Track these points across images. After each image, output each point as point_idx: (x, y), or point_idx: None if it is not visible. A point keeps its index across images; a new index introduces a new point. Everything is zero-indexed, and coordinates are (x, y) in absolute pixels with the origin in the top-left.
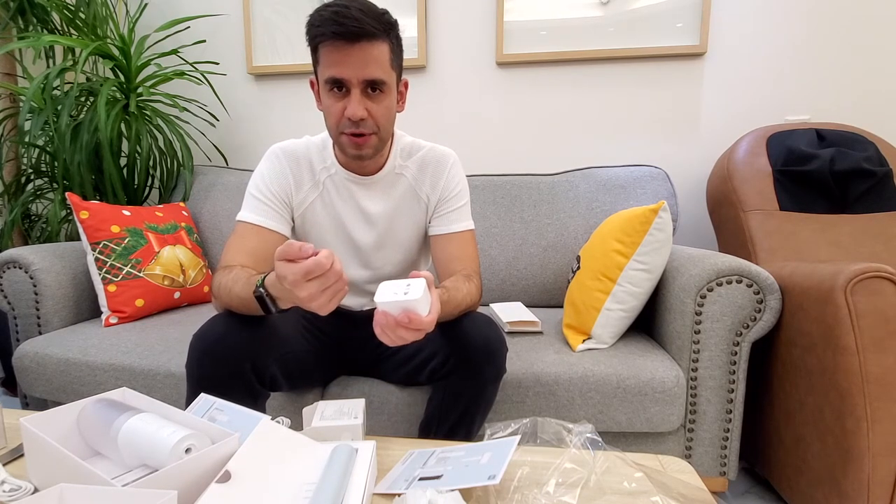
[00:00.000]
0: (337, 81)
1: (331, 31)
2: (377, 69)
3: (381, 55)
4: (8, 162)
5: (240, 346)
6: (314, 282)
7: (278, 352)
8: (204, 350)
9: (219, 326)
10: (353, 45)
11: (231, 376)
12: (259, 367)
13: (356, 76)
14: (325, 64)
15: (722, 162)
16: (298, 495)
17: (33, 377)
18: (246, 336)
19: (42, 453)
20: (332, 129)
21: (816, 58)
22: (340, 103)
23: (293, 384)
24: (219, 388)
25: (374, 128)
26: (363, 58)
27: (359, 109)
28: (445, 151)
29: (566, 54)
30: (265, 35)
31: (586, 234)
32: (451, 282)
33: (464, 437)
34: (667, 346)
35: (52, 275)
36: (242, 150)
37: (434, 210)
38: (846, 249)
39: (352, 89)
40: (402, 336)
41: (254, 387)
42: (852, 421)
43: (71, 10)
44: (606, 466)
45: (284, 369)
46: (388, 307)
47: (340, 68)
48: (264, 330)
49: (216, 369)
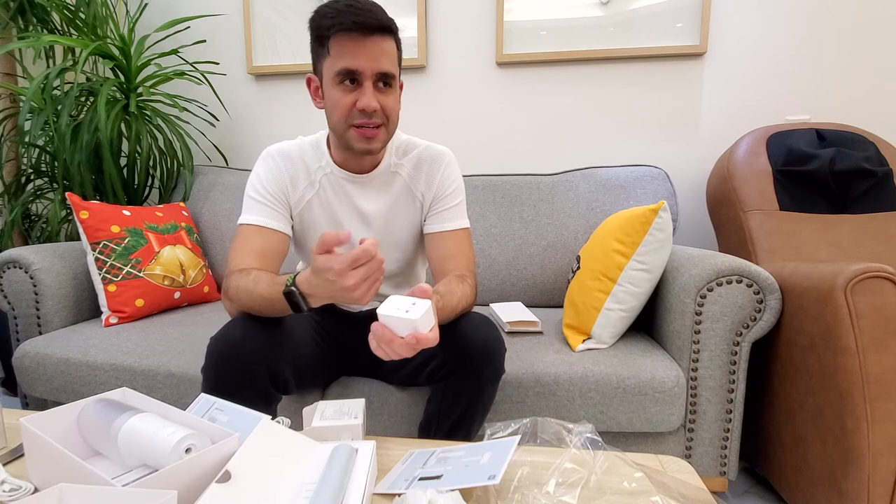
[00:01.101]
0: (350, 73)
1: (350, 21)
2: (389, 63)
3: (391, 50)
4: (8, 162)
5: (258, 351)
6: (360, 269)
7: (291, 355)
8: (222, 354)
9: (237, 331)
10: (368, 38)
11: (249, 381)
12: (275, 371)
13: (371, 68)
14: (337, 55)
15: (722, 162)
16: (298, 495)
17: (33, 377)
18: (263, 341)
19: (42, 453)
20: (340, 122)
21: (816, 58)
22: (351, 96)
23: (302, 386)
24: (235, 392)
25: (384, 120)
26: (377, 50)
27: (373, 101)
28: (441, 150)
29: (566, 54)
30: (265, 35)
31: (586, 234)
32: (444, 285)
33: (463, 438)
34: (667, 346)
35: (52, 275)
36: (242, 150)
37: (429, 208)
38: (846, 249)
39: (364, 81)
40: (397, 352)
41: (269, 391)
42: (852, 421)
43: (71, 10)
44: (606, 466)
45: (296, 372)
46: (388, 321)
47: (355, 59)
48: (280, 334)
49: (234, 374)
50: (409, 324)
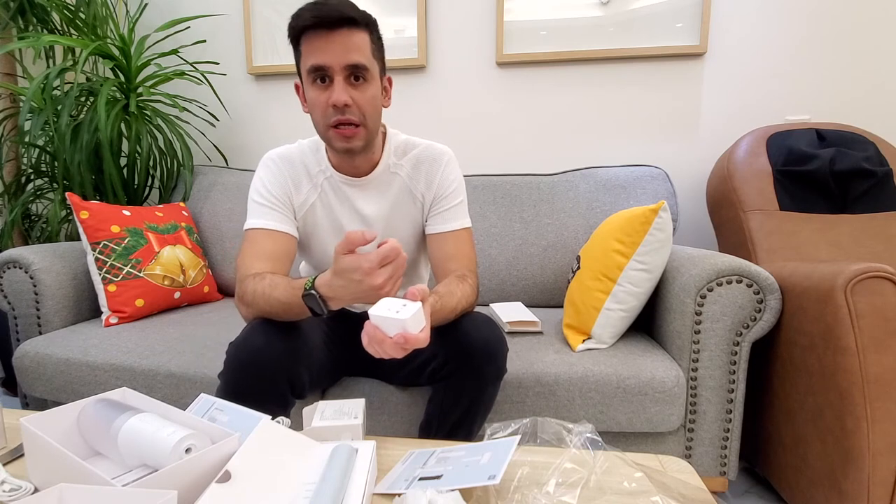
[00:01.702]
0: (319, 69)
1: (311, 18)
2: (358, 55)
3: (361, 42)
4: (8, 162)
5: (278, 358)
6: (388, 267)
7: (308, 360)
8: (242, 361)
9: (257, 338)
10: (333, 32)
11: (269, 387)
12: (293, 376)
13: (338, 62)
14: (306, 54)
15: (722, 162)
16: (298, 495)
17: (33, 377)
18: (283, 347)
19: (42, 453)
20: (320, 124)
21: (816, 58)
22: (325, 94)
23: (313, 389)
24: (255, 398)
25: (360, 117)
26: (344, 43)
27: (342, 95)
28: (441, 149)
29: (566, 54)
30: (265, 35)
31: (586, 234)
32: (444, 286)
33: (464, 438)
34: (667, 346)
35: (52, 275)
36: (242, 150)
37: (430, 209)
38: (846, 249)
39: (335, 77)
40: (388, 351)
41: (287, 396)
42: (852, 421)
43: (71, 10)
44: (606, 466)
45: (311, 377)
46: (378, 321)
47: (322, 55)
48: (298, 339)
49: (255, 380)
50: (399, 324)
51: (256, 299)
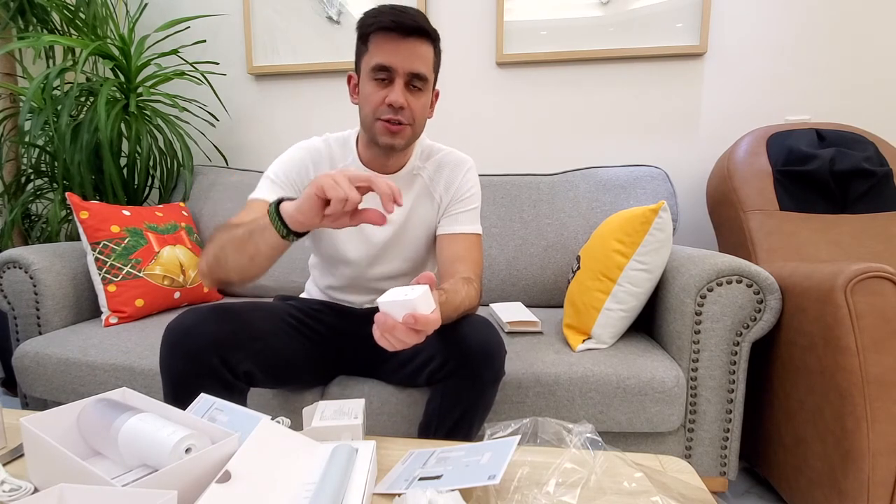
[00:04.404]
0: (384, 69)
1: (390, 21)
2: (423, 65)
3: (427, 54)
4: (8, 162)
5: (208, 340)
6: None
7: (252, 347)
8: (173, 343)
9: (188, 319)
10: (405, 39)
11: (201, 369)
12: (230, 361)
13: (403, 66)
14: (374, 51)
15: (722, 162)
16: (298, 495)
17: (33, 377)
18: (214, 329)
19: (42, 453)
20: (369, 116)
21: (816, 58)
22: (382, 91)
23: (277, 381)
24: (190, 380)
25: (411, 119)
26: (412, 51)
27: (401, 97)
28: (463, 157)
29: (566, 54)
30: (265, 35)
31: (586, 234)
32: (450, 284)
33: (463, 439)
34: (667, 346)
35: (52, 275)
36: (242, 150)
37: (445, 210)
38: (846, 249)
39: (396, 79)
40: (400, 339)
41: (227, 380)
42: (852, 421)
43: (71, 10)
44: (606, 466)
45: (261, 365)
46: (389, 307)
47: (390, 56)
48: (235, 323)
49: (186, 363)
50: (408, 304)
51: (215, 235)
